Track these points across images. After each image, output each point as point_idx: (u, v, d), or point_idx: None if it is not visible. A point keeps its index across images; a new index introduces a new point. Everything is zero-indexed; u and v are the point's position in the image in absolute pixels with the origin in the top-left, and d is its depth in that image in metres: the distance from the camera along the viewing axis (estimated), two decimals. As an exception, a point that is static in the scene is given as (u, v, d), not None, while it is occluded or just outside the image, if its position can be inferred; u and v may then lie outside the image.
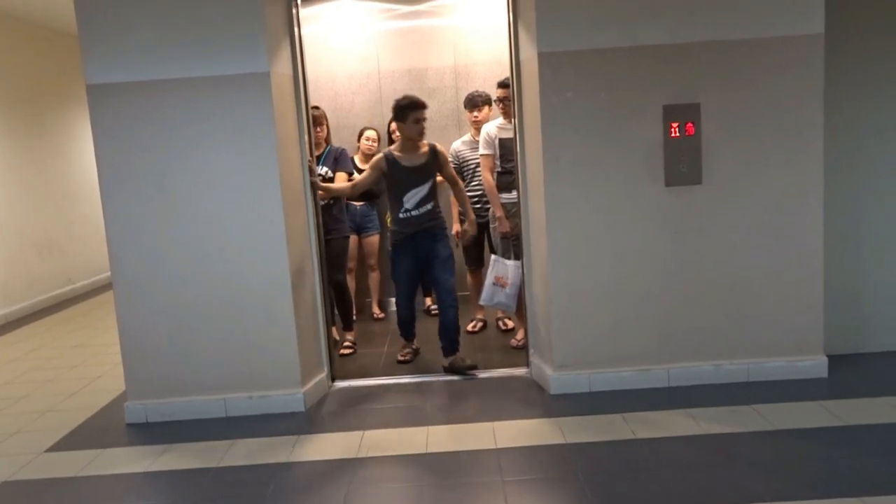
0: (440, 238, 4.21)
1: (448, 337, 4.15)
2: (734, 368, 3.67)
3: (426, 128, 4.11)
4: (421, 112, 4.03)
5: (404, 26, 5.79)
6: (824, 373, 3.67)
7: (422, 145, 4.13)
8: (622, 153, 3.54)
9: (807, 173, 3.55)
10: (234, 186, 3.55)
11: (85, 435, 3.59)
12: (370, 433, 3.34)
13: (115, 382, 4.25)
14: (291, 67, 3.73)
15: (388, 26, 5.79)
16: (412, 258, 4.20)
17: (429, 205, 4.13)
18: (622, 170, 3.55)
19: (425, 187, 4.10)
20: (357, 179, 4.34)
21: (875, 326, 4.01)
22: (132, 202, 3.56)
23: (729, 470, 2.78)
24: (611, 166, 3.55)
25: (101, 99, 3.50)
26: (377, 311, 5.65)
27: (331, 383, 4.04)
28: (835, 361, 3.73)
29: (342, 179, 4.57)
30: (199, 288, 3.61)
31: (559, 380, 3.68)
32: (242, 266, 3.60)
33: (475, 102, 4.79)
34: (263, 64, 3.45)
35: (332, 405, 3.76)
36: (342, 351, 4.62)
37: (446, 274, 4.17)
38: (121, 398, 3.96)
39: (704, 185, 3.55)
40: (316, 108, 4.48)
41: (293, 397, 3.67)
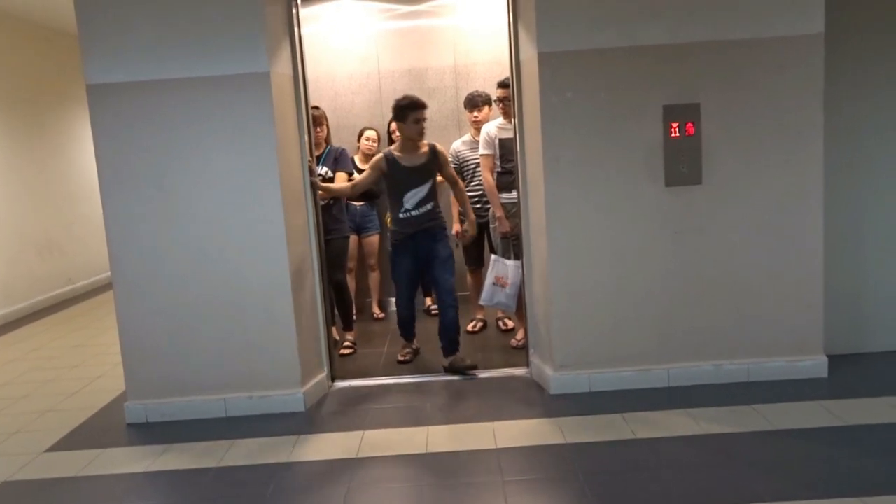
0: (440, 238, 4.21)
1: (448, 337, 4.15)
2: (734, 368, 3.67)
3: (426, 128, 4.11)
4: (421, 112, 4.03)
5: (404, 26, 5.79)
6: (824, 373, 3.67)
7: (422, 145, 4.13)
8: (622, 153, 3.54)
9: (807, 173, 3.56)
10: (234, 186, 3.55)
11: (85, 435, 3.59)
12: (370, 433, 3.34)
13: (115, 382, 4.25)
14: (291, 67, 3.73)
15: (388, 26, 5.79)
16: (412, 258, 4.20)
17: (429, 205, 4.13)
18: (622, 170, 3.55)
19: (425, 187, 4.10)
20: (357, 179, 4.34)
21: (875, 326, 4.02)
22: (132, 202, 3.56)
23: (729, 470, 2.78)
24: (611, 166, 3.55)
25: (101, 99, 3.50)
26: (377, 311, 5.66)
27: (331, 383, 4.04)
28: (835, 361, 3.73)
29: (342, 179, 4.57)
30: (199, 288, 3.61)
31: (559, 380, 3.69)
32: (242, 266, 3.60)
33: (475, 102, 4.79)
34: (263, 64, 3.45)
35: (332, 405, 3.76)
36: (342, 351, 4.62)
37: (446, 274, 4.17)
38: (121, 398, 3.96)
39: (704, 185, 3.55)
40: (316, 108, 4.48)
41: (293, 397, 3.68)
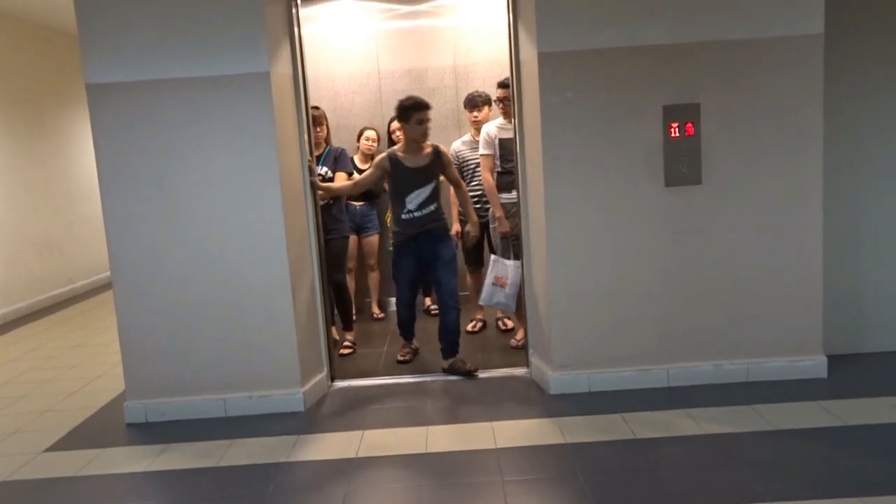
0: (443, 239, 4.19)
1: (448, 339, 4.14)
2: (734, 368, 3.67)
3: (430, 129, 4.09)
4: (424, 113, 4.00)
5: (404, 26, 5.79)
6: (824, 373, 3.67)
7: (425, 146, 4.11)
8: (622, 153, 3.54)
9: (806, 173, 3.56)
10: (234, 186, 3.55)
11: (84, 435, 3.59)
12: (370, 433, 3.34)
13: (115, 382, 4.25)
14: (291, 67, 3.73)
15: (388, 26, 5.79)
16: (414, 259, 4.18)
17: (431, 206, 4.11)
18: (622, 170, 3.55)
19: (428, 188, 4.08)
20: (359, 178, 4.33)
21: (874, 326, 4.02)
22: (132, 202, 3.56)
23: (729, 470, 2.78)
24: (611, 166, 3.55)
25: (101, 98, 3.50)
26: (377, 311, 5.65)
27: (330, 383, 4.04)
28: (834, 361, 3.73)
29: (342, 179, 4.57)
30: (199, 288, 3.61)
31: (559, 380, 3.68)
32: (242, 266, 3.60)
33: (475, 102, 4.79)
34: (263, 64, 3.45)
35: (332, 405, 3.76)
36: (342, 351, 4.62)
37: (449, 275, 4.15)
38: (120, 398, 3.96)
39: (704, 185, 3.55)
40: (316, 108, 4.48)
41: (293, 397, 3.67)
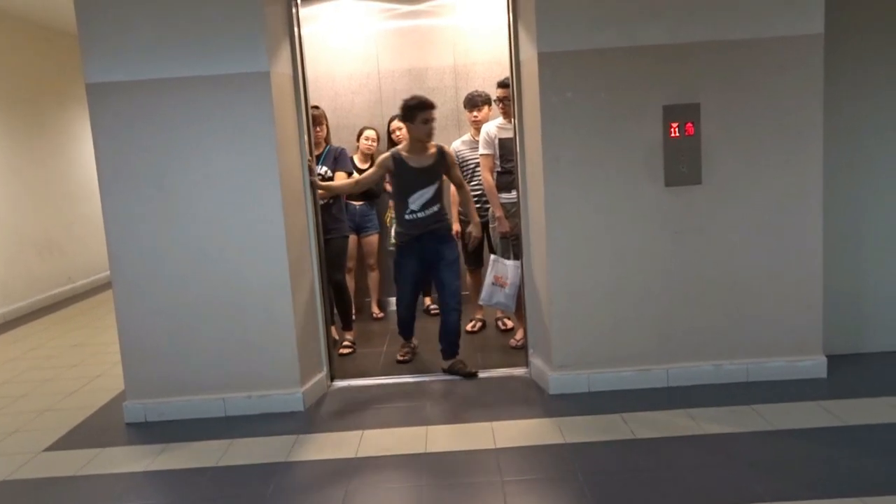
0: (447, 240, 4.17)
1: (448, 340, 4.13)
2: (734, 368, 3.67)
3: (434, 128, 4.05)
4: (429, 112, 3.98)
5: (404, 26, 5.79)
6: (823, 373, 3.67)
7: (430, 146, 4.09)
8: (622, 153, 3.54)
9: (806, 173, 3.56)
10: (234, 186, 3.55)
11: (84, 434, 3.59)
12: (369, 433, 3.34)
13: (115, 382, 4.25)
14: (291, 67, 3.72)
15: (388, 26, 5.79)
16: (417, 260, 4.16)
17: (434, 207, 4.08)
18: (622, 170, 3.55)
19: (431, 189, 4.06)
20: (362, 176, 4.32)
21: (874, 326, 4.02)
22: (132, 202, 3.56)
23: (728, 470, 2.78)
24: (611, 166, 3.55)
25: (101, 98, 3.49)
26: (376, 311, 5.65)
27: (330, 383, 4.04)
28: (834, 361, 3.73)
29: (341, 179, 4.57)
30: (199, 288, 3.61)
31: (559, 380, 3.68)
32: (242, 266, 3.60)
33: (475, 102, 4.79)
34: (263, 63, 3.45)
35: (332, 405, 3.76)
36: (341, 350, 4.62)
37: (452, 277, 4.12)
38: (120, 397, 3.95)
39: (704, 185, 3.55)
40: (316, 108, 4.48)
41: (292, 397, 3.67)
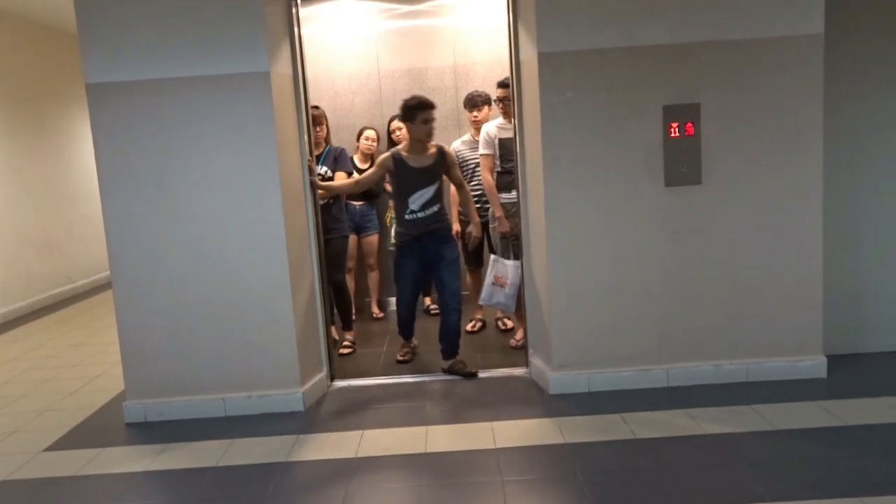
0: (447, 240, 4.17)
1: (449, 340, 4.13)
2: (734, 368, 3.67)
3: (434, 128, 4.04)
4: (430, 112, 3.97)
5: (404, 26, 5.78)
6: (823, 373, 3.67)
7: (430, 146, 4.08)
8: (622, 153, 3.54)
9: (806, 173, 3.55)
10: (234, 186, 3.55)
11: (83, 434, 3.59)
12: (369, 433, 3.34)
13: (114, 382, 4.25)
14: (291, 67, 3.72)
15: (388, 26, 5.79)
16: (418, 260, 4.15)
17: (435, 207, 4.08)
18: (622, 170, 3.55)
19: (431, 189, 4.05)
20: (362, 176, 4.32)
21: (874, 327, 4.02)
22: (132, 201, 3.56)
23: (728, 470, 2.78)
24: (611, 166, 3.55)
25: (101, 98, 3.49)
26: (376, 311, 5.65)
27: (330, 383, 4.04)
28: (834, 362, 3.73)
29: (341, 179, 4.57)
30: (199, 288, 3.61)
31: (558, 380, 3.68)
32: (242, 266, 3.60)
33: (475, 102, 4.78)
34: (263, 63, 3.45)
35: (332, 405, 3.76)
36: (341, 350, 4.62)
37: (452, 277, 4.12)
38: (120, 397, 3.95)
39: (704, 185, 3.55)
40: (315, 108, 4.48)
41: (292, 397, 3.67)
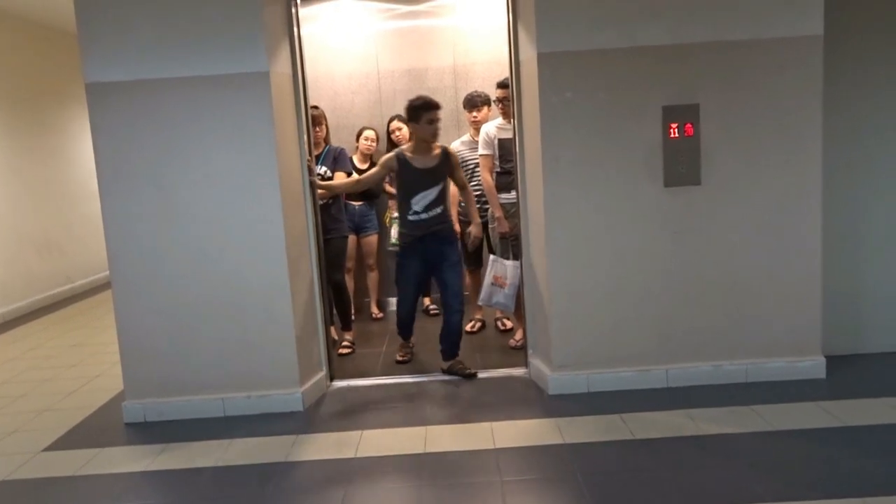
0: (450, 241, 4.13)
1: (450, 341, 4.12)
2: (733, 369, 3.67)
3: (440, 129, 4.02)
4: (435, 113, 3.94)
5: (403, 26, 5.78)
6: (822, 373, 3.67)
7: (434, 147, 4.06)
8: (622, 153, 3.54)
9: (806, 174, 3.56)
10: (234, 186, 3.55)
11: (83, 434, 3.58)
12: (368, 433, 3.34)
13: (113, 382, 4.24)
14: (291, 67, 3.72)
15: (388, 26, 5.79)
16: (420, 261, 4.12)
17: (438, 208, 4.03)
18: (622, 170, 3.55)
19: (435, 190, 4.01)
20: (364, 175, 4.31)
21: (873, 327, 4.01)
22: (131, 201, 3.55)
23: (727, 470, 2.78)
24: (610, 167, 3.55)
25: (100, 97, 3.49)
26: (376, 311, 5.65)
27: (329, 383, 4.04)
28: (833, 362, 3.73)
29: (341, 179, 4.57)
30: (198, 287, 3.60)
31: (558, 380, 3.68)
32: (241, 266, 3.59)
33: (474, 102, 4.78)
34: (263, 63, 3.45)
35: (331, 405, 3.76)
36: (341, 350, 4.61)
37: (455, 278, 4.10)
38: (119, 397, 3.95)
39: (703, 186, 3.55)
40: (315, 108, 4.48)
41: (291, 397, 3.67)
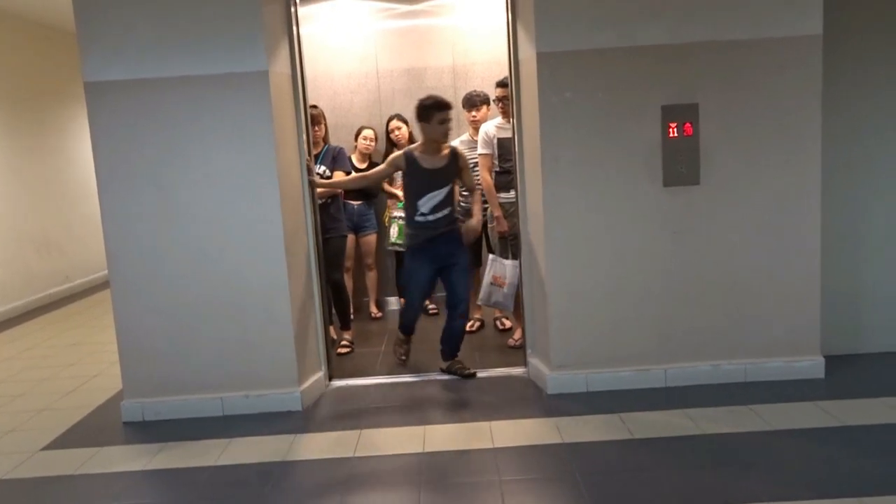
0: (459, 243, 4.05)
1: (451, 343, 4.10)
2: (732, 369, 3.67)
3: (451, 128, 3.98)
4: (446, 113, 3.89)
5: (403, 26, 5.78)
6: (821, 373, 3.67)
7: (443, 148, 4.01)
8: (621, 153, 3.54)
9: (805, 174, 3.56)
10: (233, 185, 3.54)
11: (81, 433, 3.58)
12: (367, 432, 3.34)
13: (112, 381, 4.23)
14: (290, 66, 3.72)
15: (387, 25, 5.79)
16: (429, 265, 4.04)
17: (445, 210, 3.96)
18: (621, 170, 3.55)
19: (442, 192, 3.94)
20: (370, 172, 4.30)
21: (872, 327, 4.02)
22: (130, 200, 3.55)
23: (726, 470, 2.78)
24: (610, 166, 3.55)
25: (99, 96, 3.48)
26: (375, 311, 5.65)
27: (328, 382, 4.04)
28: (832, 362, 3.73)
29: (340, 178, 4.56)
30: (197, 287, 3.60)
31: (557, 379, 3.68)
32: (240, 265, 3.59)
33: (473, 102, 4.78)
34: (262, 63, 3.44)
35: (330, 404, 3.76)
36: (339, 350, 4.61)
37: (463, 282, 4.05)
38: (117, 397, 3.95)
39: (703, 186, 3.55)
40: (314, 107, 4.48)
41: (290, 396, 3.67)
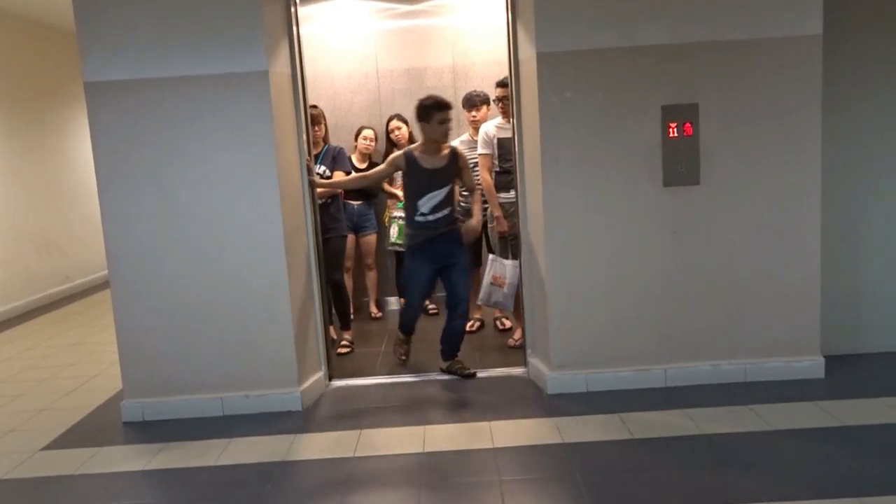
0: (459, 244, 4.05)
1: (451, 343, 4.10)
2: (732, 369, 3.67)
3: (451, 128, 3.98)
4: (446, 113, 3.88)
5: (403, 25, 5.78)
6: (821, 373, 3.67)
7: (444, 148, 4.01)
8: (621, 153, 3.54)
9: (805, 174, 3.56)
10: (233, 185, 3.54)
11: (81, 433, 3.58)
12: (367, 432, 3.34)
13: (112, 381, 4.23)
14: (290, 66, 3.72)
15: (387, 25, 5.79)
16: (429, 265, 4.04)
17: (445, 210, 3.96)
18: (621, 170, 3.55)
19: (442, 192, 3.94)
20: (370, 171, 4.30)
21: (872, 327, 4.02)
22: (130, 200, 3.55)
23: (726, 470, 2.78)
24: (610, 166, 3.55)
25: (99, 96, 3.48)
26: (375, 311, 5.65)
27: (328, 382, 4.04)
28: (832, 362, 3.73)
29: (340, 178, 4.56)
30: (197, 287, 3.60)
31: (557, 379, 3.68)
32: (240, 265, 3.59)
33: (473, 102, 4.78)
34: (262, 63, 3.44)
35: (329, 404, 3.76)
36: (339, 350, 4.61)
37: (463, 283, 4.06)
38: (117, 397, 3.95)
39: (703, 186, 3.55)
40: (314, 107, 4.48)
41: (290, 396, 3.67)
